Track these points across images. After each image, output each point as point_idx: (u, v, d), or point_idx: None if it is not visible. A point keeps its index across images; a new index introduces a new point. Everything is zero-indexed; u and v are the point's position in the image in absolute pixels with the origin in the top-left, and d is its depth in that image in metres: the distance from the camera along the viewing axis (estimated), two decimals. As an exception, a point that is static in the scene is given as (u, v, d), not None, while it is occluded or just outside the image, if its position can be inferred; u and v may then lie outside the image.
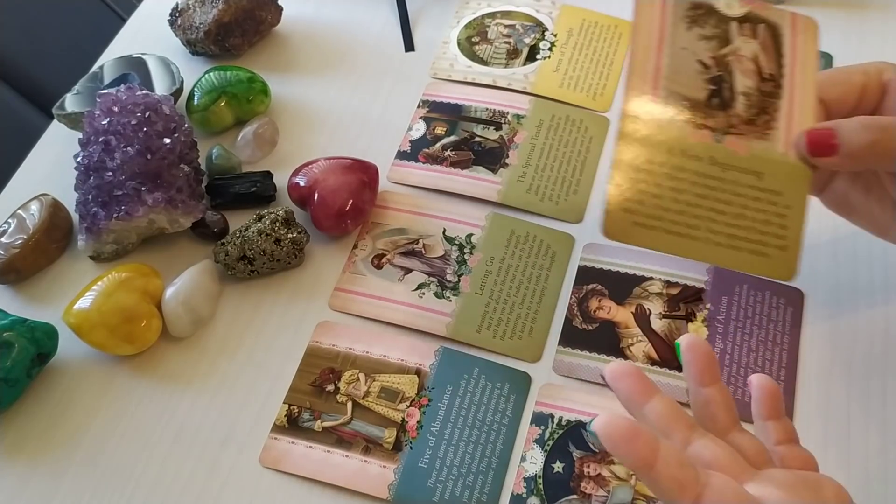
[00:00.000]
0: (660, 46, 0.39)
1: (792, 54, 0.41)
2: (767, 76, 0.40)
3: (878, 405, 0.46)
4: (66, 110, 0.60)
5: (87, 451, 0.48)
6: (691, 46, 0.40)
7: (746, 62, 0.40)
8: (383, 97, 0.63)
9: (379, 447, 0.47)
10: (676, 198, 0.39)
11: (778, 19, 0.41)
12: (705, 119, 0.40)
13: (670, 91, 0.40)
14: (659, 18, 0.40)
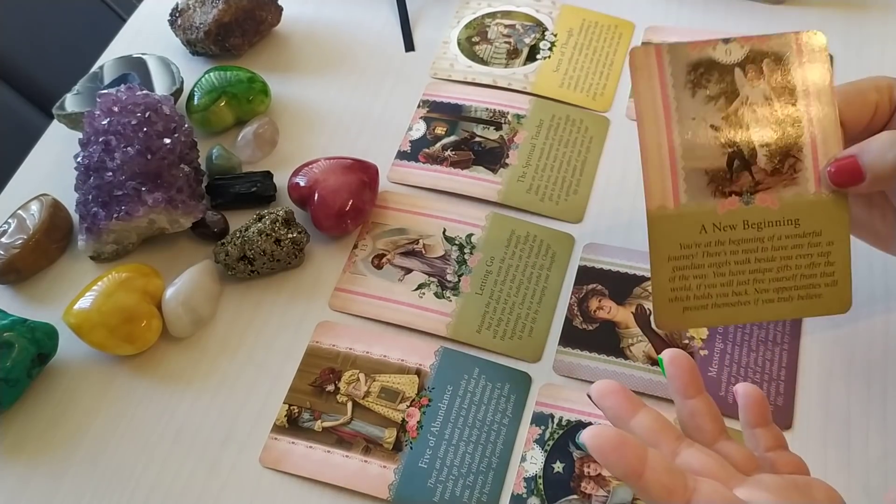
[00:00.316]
0: (668, 125, 0.37)
1: (804, 83, 0.39)
2: (784, 117, 0.39)
3: (878, 405, 0.46)
4: (66, 110, 0.60)
5: (87, 451, 0.48)
6: (700, 113, 0.38)
7: (759, 109, 0.38)
8: (383, 97, 0.63)
9: (379, 447, 0.47)
10: (718, 272, 0.39)
11: (781, 47, 0.38)
12: (731, 185, 0.38)
13: (689, 169, 0.38)
14: (660, 94, 0.37)
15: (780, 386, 0.47)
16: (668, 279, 0.38)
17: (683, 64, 0.36)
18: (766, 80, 0.38)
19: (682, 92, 0.37)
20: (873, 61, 0.61)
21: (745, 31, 0.63)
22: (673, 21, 0.65)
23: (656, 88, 0.36)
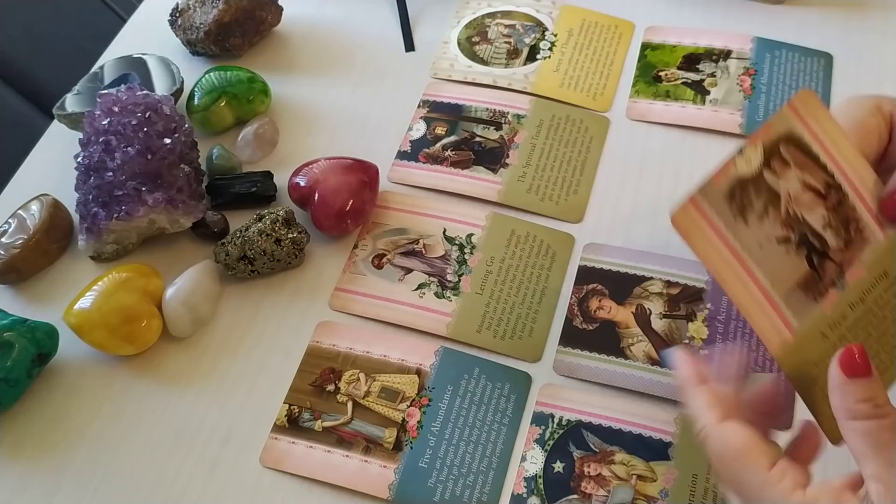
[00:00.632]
0: (745, 267, 0.35)
1: (822, 144, 0.38)
2: (825, 189, 0.37)
3: (878, 405, 0.46)
4: (67, 110, 0.60)
5: (87, 451, 0.48)
6: (762, 236, 0.36)
7: (803, 195, 0.37)
8: (383, 97, 0.63)
9: (379, 447, 0.47)
10: None
11: (785, 125, 0.37)
12: (823, 281, 0.37)
13: (784, 294, 0.36)
14: (722, 244, 0.35)
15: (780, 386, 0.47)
16: (824, 401, 0.36)
17: (721, 199, 0.35)
18: (792, 165, 0.37)
19: (737, 227, 0.35)
20: (873, 61, 0.61)
21: (745, 30, 0.64)
22: (673, 21, 0.65)
23: (714, 240, 0.34)
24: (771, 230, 0.36)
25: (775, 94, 0.60)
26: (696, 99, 0.60)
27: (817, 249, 0.37)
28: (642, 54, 0.63)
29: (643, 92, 0.61)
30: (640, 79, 0.62)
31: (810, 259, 0.37)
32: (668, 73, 0.62)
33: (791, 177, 0.37)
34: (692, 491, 0.44)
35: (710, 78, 0.61)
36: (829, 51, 0.62)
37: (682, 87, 0.61)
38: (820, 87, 0.60)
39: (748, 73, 0.61)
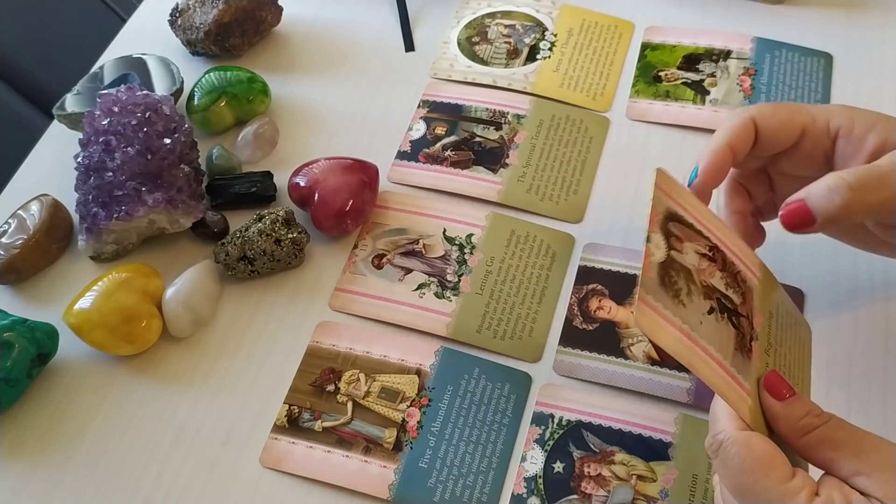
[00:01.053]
0: (700, 346, 0.35)
1: (690, 214, 0.39)
2: (711, 252, 0.39)
3: (878, 404, 0.46)
4: (67, 110, 0.60)
5: (87, 452, 0.48)
6: (697, 312, 0.36)
7: (702, 264, 0.38)
8: (383, 97, 0.63)
9: (379, 447, 0.47)
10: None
11: (662, 206, 0.38)
12: (745, 338, 0.38)
13: (731, 362, 0.36)
14: (677, 331, 0.35)
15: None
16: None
17: (657, 289, 0.35)
18: (683, 239, 0.38)
19: (678, 310, 0.35)
20: (873, 61, 0.61)
21: (745, 30, 0.64)
22: (673, 21, 0.65)
23: (670, 329, 0.35)
24: (699, 304, 0.37)
25: (775, 94, 0.60)
26: (696, 99, 0.60)
27: (731, 310, 0.38)
28: (642, 54, 0.63)
29: (643, 92, 0.61)
30: (640, 79, 0.62)
31: (731, 321, 0.38)
32: (667, 73, 0.62)
33: (688, 250, 0.38)
34: (692, 491, 0.44)
35: (710, 78, 0.61)
36: (830, 51, 0.62)
37: (682, 88, 0.61)
38: (820, 87, 0.60)
39: (748, 73, 0.61)
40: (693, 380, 0.47)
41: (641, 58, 0.63)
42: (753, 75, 0.61)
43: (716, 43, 0.63)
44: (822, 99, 0.59)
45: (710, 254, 0.39)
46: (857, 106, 0.42)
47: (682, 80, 0.61)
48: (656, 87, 0.61)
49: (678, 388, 0.47)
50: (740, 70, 0.61)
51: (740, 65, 0.61)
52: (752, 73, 0.61)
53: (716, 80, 0.61)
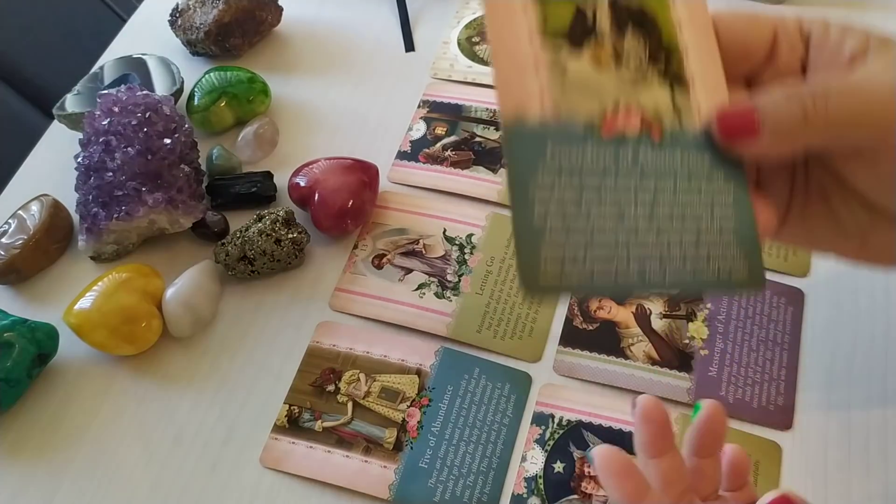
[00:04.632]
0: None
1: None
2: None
3: (878, 404, 0.46)
4: (67, 111, 0.60)
5: (87, 452, 0.48)
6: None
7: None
8: (383, 97, 0.63)
9: (379, 447, 0.47)
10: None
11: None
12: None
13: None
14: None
15: (780, 386, 0.47)
16: None
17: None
18: None
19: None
20: (873, 61, 0.61)
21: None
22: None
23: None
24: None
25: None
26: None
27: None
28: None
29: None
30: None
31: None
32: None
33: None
34: (692, 491, 0.44)
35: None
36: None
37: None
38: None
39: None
40: (693, 379, 0.47)
41: None
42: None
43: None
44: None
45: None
46: None
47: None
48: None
49: (678, 387, 0.47)
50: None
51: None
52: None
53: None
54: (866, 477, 0.44)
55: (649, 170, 0.29)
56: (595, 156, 0.29)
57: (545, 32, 0.28)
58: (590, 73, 0.29)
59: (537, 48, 0.28)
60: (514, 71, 0.29)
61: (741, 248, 0.30)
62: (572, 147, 0.28)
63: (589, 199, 0.29)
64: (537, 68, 0.29)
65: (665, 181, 0.30)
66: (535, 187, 0.28)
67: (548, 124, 0.28)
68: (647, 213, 0.29)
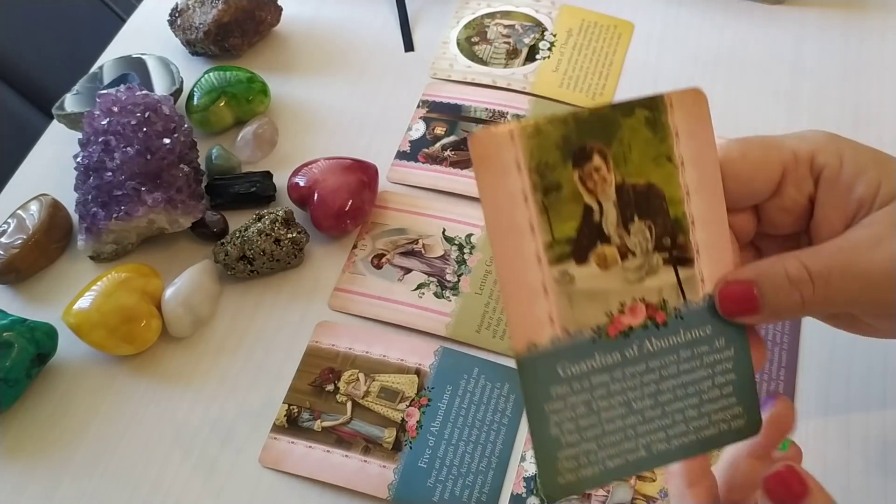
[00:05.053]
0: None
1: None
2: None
3: (878, 404, 0.46)
4: (66, 110, 0.60)
5: (87, 451, 0.48)
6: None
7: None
8: (383, 97, 0.63)
9: (379, 447, 0.47)
10: None
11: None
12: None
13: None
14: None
15: (780, 386, 0.47)
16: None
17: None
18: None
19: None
20: (873, 61, 0.61)
21: (745, 31, 0.64)
22: (672, 21, 0.65)
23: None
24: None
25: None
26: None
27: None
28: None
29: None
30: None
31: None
32: (667, 73, 0.62)
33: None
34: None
35: (710, 78, 0.61)
36: (829, 51, 0.62)
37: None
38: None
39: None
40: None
41: None
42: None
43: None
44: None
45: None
46: (859, 107, 0.40)
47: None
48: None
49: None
50: (740, 70, 0.61)
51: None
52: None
53: (715, 80, 0.61)
54: (866, 477, 0.44)
55: (654, 353, 0.31)
56: (602, 357, 0.30)
57: (553, 245, 0.29)
58: (597, 278, 0.30)
59: (545, 268, 0.29)
60: (524, 300, 0.29)
61: (741, 402, 0.31)
62: (582, 358, 0.30)
63: (598, 398, 0.30)
64: (546, 291, 0.29)
65: (669, 358, 0.31)
66: (549, 403, 0.29)
67: (558, 343, 0.29)
68: (652, 395, 0.30)
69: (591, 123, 0.29)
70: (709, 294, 0.31)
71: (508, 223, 0.28)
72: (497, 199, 0.28)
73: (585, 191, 0.29)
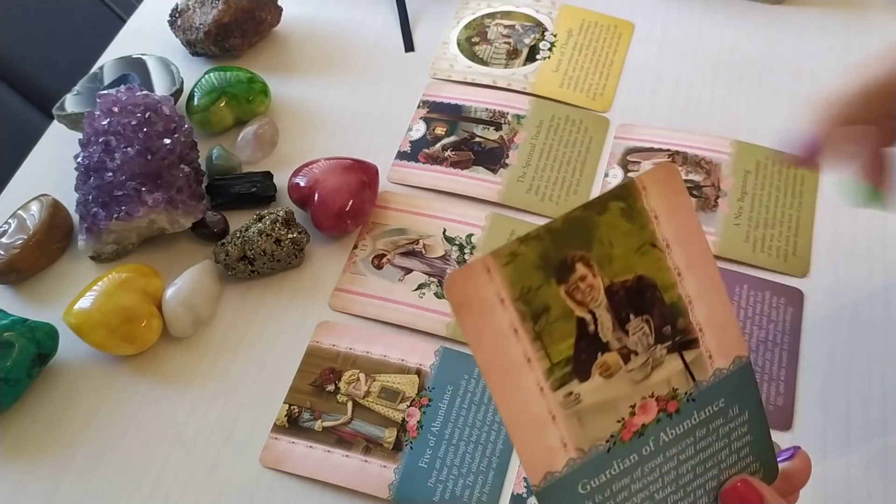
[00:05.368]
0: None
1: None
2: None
3: (878, 405, 0.46)
4: (67, 111, 0.60)
5: (87, 451, 0.48)
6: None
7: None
8: (383, 97, 0.63)
9: (379, 447, 0.47)
10: None
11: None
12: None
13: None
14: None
15: (780, 386, 0.47)
16: None
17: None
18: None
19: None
20: (873, 61, 0.61)
21: (745, 31, 0.64)
22: (672, 22, 0.65)
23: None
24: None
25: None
26: (696, 99, 0.60)
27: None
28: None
29: (643, 92, 0.61)
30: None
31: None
32: (667, 74, 0.62)
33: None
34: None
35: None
36: (829, 51, 0.62)
37: (682, 88, 0.61)
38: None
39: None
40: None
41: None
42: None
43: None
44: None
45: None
46: None
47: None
48: (656, 88, 0.61)
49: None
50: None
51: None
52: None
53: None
54: (866, 477, 0.44)
55: (671, 441, 0.30)
56: (620, 462, 0.29)
57: (553, 370, 0.28)
58: (603, 388, 0.28)
59: (549, 395, 0.28)
60: (533, 434, 0.28)
61: (758, 458, 0.31)
62: (601, 470, 0.29)
63: (621, 501, 0.29)
64: (554, 417, 0.28)
65: (686, 442, 0.30)
66: None
67: (574, 465, 0.28)
68: (672, 481, 0.30)
69: (566, 232, 0.27)
70: (719, 367, 0.30)
71: (503, 361, 0.27)
72: (486, 339, 0.26)
73: (575, 304, 0.28)
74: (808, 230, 0.53)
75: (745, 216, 0.54)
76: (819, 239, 0.53)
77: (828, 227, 0.53)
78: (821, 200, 0.54)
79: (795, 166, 0.34)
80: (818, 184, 0.55)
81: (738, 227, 0.53)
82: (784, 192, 0.55)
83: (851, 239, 0.52)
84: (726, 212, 0.54)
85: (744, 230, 0.53)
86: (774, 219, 0.54)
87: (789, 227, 0.53)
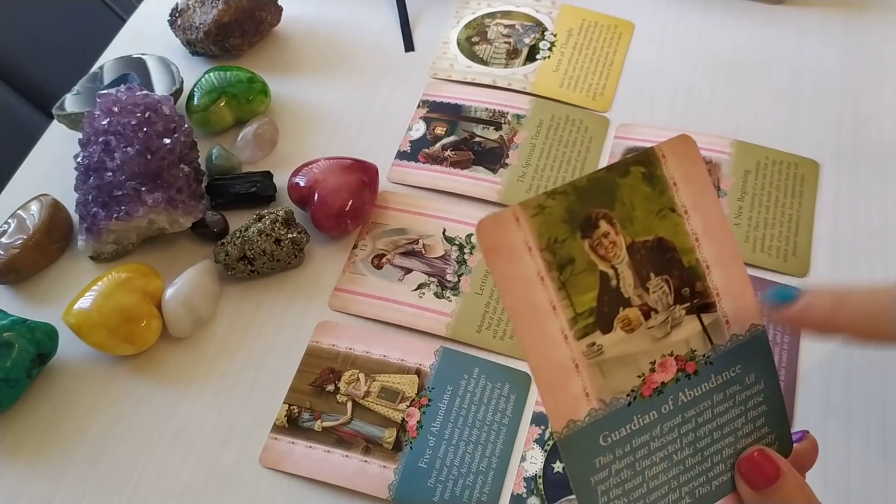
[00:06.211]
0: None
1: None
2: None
3: (878, 404, 0.46)
4: (66, 110, 0.60)
5: (87, 451, 0.48)
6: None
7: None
8: (383, 97, 0.63)
9: (379, 447, 0.47)
10: None
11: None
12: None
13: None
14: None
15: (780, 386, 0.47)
16: None
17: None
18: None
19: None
20: (873, 61, 0.61)
21: (745, 31, 0.64)
22: (672, 22, 0.65)
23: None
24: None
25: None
26: (696, 99, 0.60)
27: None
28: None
29: (643, 92, 0.61)
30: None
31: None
32: (667, 73, 0.62)
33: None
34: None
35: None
36: (829, 51, 0.62)
37: (682, 88, 0.61)
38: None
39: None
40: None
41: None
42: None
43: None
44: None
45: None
46: (858, 107, 0.41)
47: (681, 80, 0.61)
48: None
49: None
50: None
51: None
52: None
53: (715, 80, 0.61)
54: (866, 477, 0.44)
55: (689, 403, 0.31)
56: (640, 418, 0.30)
57: (577, 320, 0.29)
58: (624, 342, 0.30)
59: (573, 344, 0.29)
60: (557, 380, 0.29)
61: (774, 430, 0.32)
62: (621, 424, 0.30)
63: (641, 458, 0.30)
64: (577, 366, 0.29)
65: (703, 405, 0.31)
66: (595, 475, 0.30)
67: (596, 414, 0.30)
68: (690, 444, 0.31)
69: (590, 190, 0.29)
70: (735, 333, 0.31)
71: (530, 307, 0.28)
72: (514, 285, 0.28)
73: (598, 259, 0.29)
74: (807, 230, 0.53)
75: (745, 216, 0.54)
76: (819, 239, 0.53)
77: (828, 228, 0.53)
78: (821, 200, 0.54)
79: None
80: (818, 184, 0.55)
81: (738, 227, 0.53)
82: (784, 192, 0.55)
83: (851, 239, 0.52)
84: (726, 212, 0.54)
85: (744, 230, 0.53)
86: (774, 219, 0.54)
87: (789, 227, 0.53)
